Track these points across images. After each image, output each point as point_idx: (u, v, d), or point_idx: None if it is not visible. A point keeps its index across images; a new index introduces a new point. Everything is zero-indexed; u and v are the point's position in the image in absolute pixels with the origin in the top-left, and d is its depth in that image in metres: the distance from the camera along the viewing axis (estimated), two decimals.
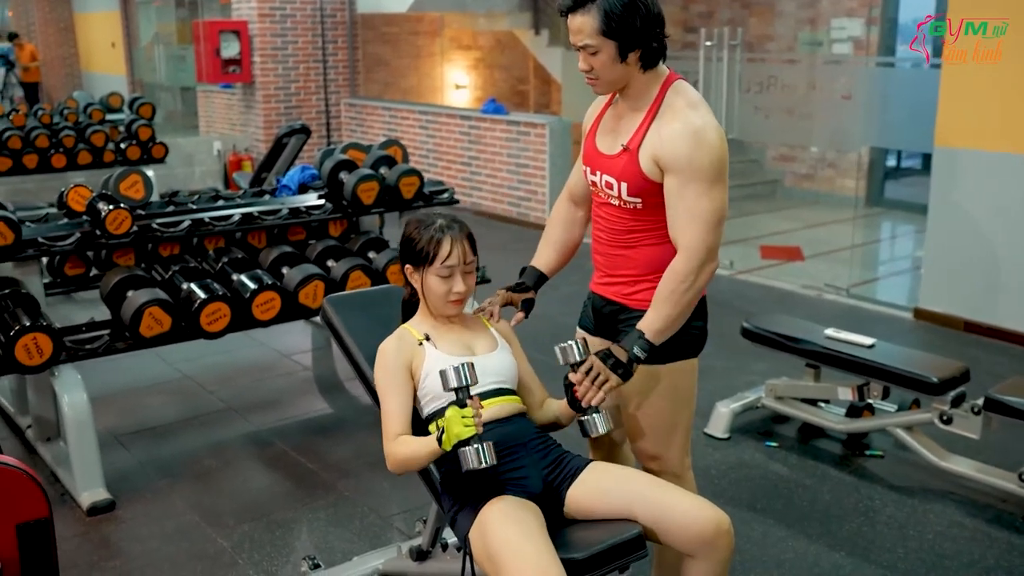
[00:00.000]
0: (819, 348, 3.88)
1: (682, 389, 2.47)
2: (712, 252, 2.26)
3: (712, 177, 2.21)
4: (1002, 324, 5.27)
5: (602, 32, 2.19)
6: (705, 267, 2.25)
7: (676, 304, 2.26)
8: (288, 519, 3.47)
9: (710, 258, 2.26)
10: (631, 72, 2.27)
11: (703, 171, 2.20)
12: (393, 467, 2.28)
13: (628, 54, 2.22)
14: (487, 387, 2.35)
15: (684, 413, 2.51)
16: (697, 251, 2.23)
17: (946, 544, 3.26)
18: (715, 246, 2.26)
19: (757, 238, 7.85)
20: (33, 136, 8.16)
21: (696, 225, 2.22)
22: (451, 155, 9.37)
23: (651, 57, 2.26)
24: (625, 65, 2.24)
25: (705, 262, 2.25)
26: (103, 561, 3.21)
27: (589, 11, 2.19)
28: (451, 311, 2.41)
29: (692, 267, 2.24)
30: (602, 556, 2.12)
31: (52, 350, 3.45)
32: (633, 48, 2.22)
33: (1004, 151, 5.13)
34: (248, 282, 3.91)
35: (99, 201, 3.88)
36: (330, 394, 4.78)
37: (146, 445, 4.09)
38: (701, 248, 2.23)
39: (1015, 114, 5.06)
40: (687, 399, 2.51)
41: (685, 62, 7.65)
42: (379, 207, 4.52)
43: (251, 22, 10.27)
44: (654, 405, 2.45)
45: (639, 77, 2.28)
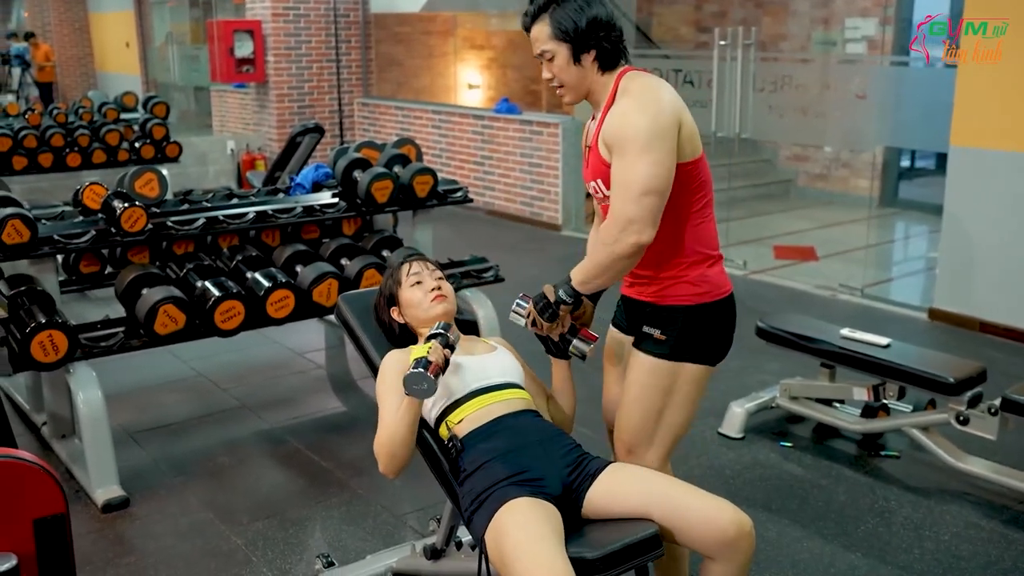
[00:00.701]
0: (835, 348, 3.85)
1: (683, 393, 2.44)
2: (632, 223, 2.22)
3: (638, 148, 2.22)
4: (1018, 324, 5.23)
5: (554, 36, 2.34)
6: (623, 237, 2.24)
7: (597, 259, 2.31)
8: (302, 517, 3.47)
9: (630, 229, 2.23)
10: (589, 75, 2.37)
11: (629, 142, 2.24)
12: (383, 455, 2.32)
13: (581, 56, 2.34)
14: (494, 381, 2.43)
15: (676, 417, 2.46)
16: (617, 219, 2.25)
17: (963, 545, 3.24)
18: (637, 218, 2.22)
19: (771, 238, 7.81)
20: (48, 135, 8.21)
21: (619, 193, 2.25)
22: (464, 155, 9.36)
23: (606, 58, 2.36)
24: (580, 67, 2.35)
25: (623, 230, 2.23)
26: (117, 558, 3.22)
27: (543, 20, 2.35)
28: (438, 308, 2.53)
29: (612, 233, 2.26)
30: (617, 555, 2.11)
31: (67, 347, 3.46)
32: (585, 49, 2.33)
33: (1022, 151, 5.10)
34: (262, 280, 3.92)
35: (114, 199, 3.89)
36: (344, 392, 4.78)
37: (160, 442, 4.10)
38: (620, 216, 2.24)
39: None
40: (684, 405, 2.46)
41: (699, 61, 7.64)
42: (393, 206, 4.52)
43: (265, 22, 10.29)
44: (648, 396, 2.44)
45: (598, 80, 2.38)
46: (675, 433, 2.49)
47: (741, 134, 6.94)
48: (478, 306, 4.43)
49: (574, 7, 2.32)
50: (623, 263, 2.29)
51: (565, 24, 2.32)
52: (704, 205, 2.42)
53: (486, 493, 2.20)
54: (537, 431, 2.36)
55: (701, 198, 2.41)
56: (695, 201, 2.40)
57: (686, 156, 2.32)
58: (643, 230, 2.23)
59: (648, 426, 2.45)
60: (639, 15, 10.53)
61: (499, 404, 2.38)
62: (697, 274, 2.40)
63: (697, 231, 2.41)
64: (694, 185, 2.37)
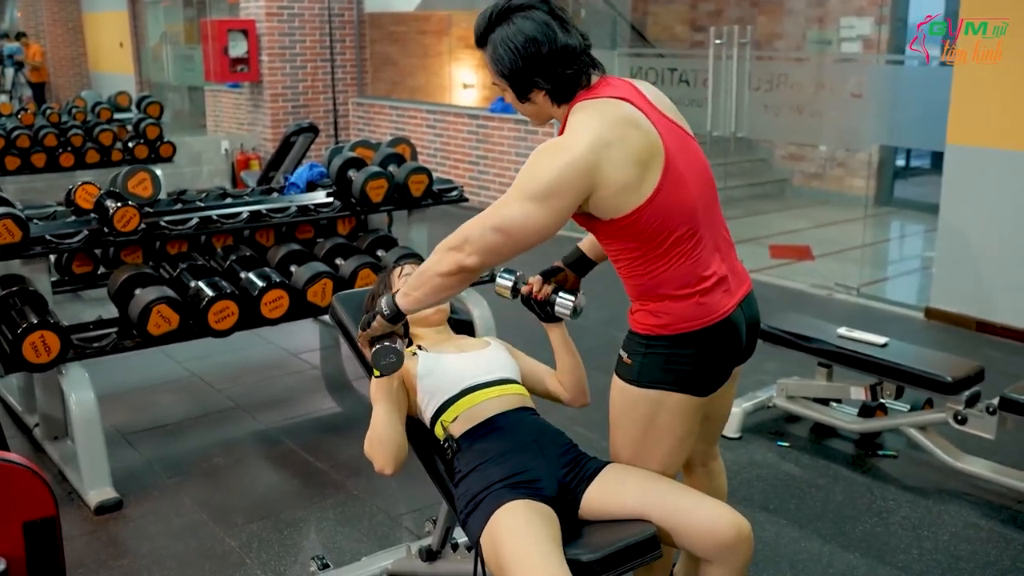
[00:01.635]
0: (832, 347, 3.84)
1: (661, 423, 2.18)
2: (467, 244, 2.02)
3: (521, 189, 1.99)
4: (1015, 324, 5.22)
5: (496, 74, 2.12)
6: (449, 254, 2.04)
7: (420, 267, 2.16)
8: (297, 518, 3.44)
9: (462, 248, 2.02)
10: (544, 108, 2.15)
11: (523, 180, 2.01)
12: (376, 449, 2.31)
13: (527, 95, 2.12)
14: (488, 377, 2.40)
15: (659, 448, 2.22)
16: (457, 232, 2.05)
17: (961, 545, 3.23)
18: (474, 242, 2.01)
19: (766, 237, 7.81)
20: (42, 135, 8.17)
21: (481, 214, 2.04)
22: (459, 154, 9.35)
23: (557, 94, 2.10)
24: (532, 103, 2.13)
25: (454, 247, 2.04)
26: (111, 560, 3.19)
27: (485, 52, 2.12)
28: (436, 314, 2.54)
29: (442, 244, 2.07)
30: (615, 557, 2.08)
31: (59, 348, 3.43)
32: (529, 90, 2.10)
33: (1018, 149, 5.09)
34: (256, 280, 3.90)
35: (107, 199, 3.87)
36: (339, 393, 4.76)
37: (154, 444, 4.08)
38: (461, 231, 2.04)
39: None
40: (663, 436, 2.20)
41: (694, 60, 7.63)
42: (388, 205, 4.50)
43: (259, 21, 10.27)
44: (624, 428, 2.25)
45: (556, 111, 2.15)
46: (662, 461, 2.23)
47: (737, 133, 6.93)
48: (473, 306, 4.41)
49: (511, 44, 2.05)
50: (440, 280, 2.07)
51: (501, 66, 2.08)
52: (667, 249, 2.07)
53: (482, 495, 2.18)
54: (533, 430, 2.33)
55: (662, 242, 2.06)
56: (653, 248, 2.07)
57: (619, 210, 2.01)
58: (472, 257, 2.01)
59: (631, 455, 2.26)
60: (634, 14, 10.52)
61: (493, 401, 2.35)
62: (658, 306, 2.12)
63: (663, 276, 2.09)
64: (647, 234, 2.05)
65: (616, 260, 2.16)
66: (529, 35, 2.04)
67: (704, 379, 2.19)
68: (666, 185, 2.03)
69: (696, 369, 2.16)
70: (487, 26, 2.10)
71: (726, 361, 2.23)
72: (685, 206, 2.07)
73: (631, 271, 2.13)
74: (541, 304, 2.43)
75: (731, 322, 2.17)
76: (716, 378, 2.22)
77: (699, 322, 2.12)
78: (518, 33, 2.05)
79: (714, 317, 2.14)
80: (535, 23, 2.05)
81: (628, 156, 1.99)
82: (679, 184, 2.06)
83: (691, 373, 2.16)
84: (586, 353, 2.59)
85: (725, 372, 2.24)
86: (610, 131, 2.00)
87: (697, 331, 2.12)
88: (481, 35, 2.12)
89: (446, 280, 2.07)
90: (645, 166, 2.01)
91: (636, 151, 2.01)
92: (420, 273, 2.12)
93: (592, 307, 2.61)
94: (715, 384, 2.22)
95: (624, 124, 2.02)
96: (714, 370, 2.20)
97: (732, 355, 2.24)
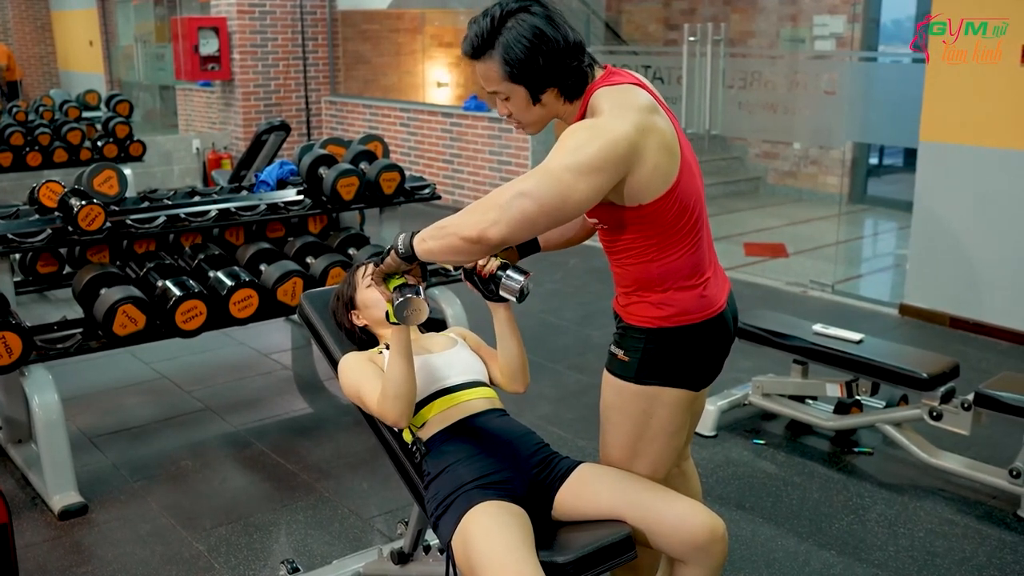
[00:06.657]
0: (807, 344, 3.82)
1: (657, 420, 2.17)
2: (493, 211, 1.88)
3: (562, 163, 1.89)
4: (988, 320, 5.24)
5: (508, 78, 2.01)
6: (473, 219, 1.90)
7: (443, 223, 1.99)
8: (266, 521, 3.38)
9: (487, 218, 1.88)
10: (553, 109, 2.08)
11: (556, 156, 1.92)
12: (391, 404, 2.16)
13: (540, 96, 2.03)
14: (459, 380, 2.36)
15: (652, 447, 2.20)
16: (487, 199, 1.92)
17: (937, 541, 3.22)
18: (503, 211, 1.87)
19: (741, 235, 7.81)
20: (8, 134, 8.02)
21: (504, 186, 1.93)
22: (432, 153, 9.29)
23: (571, 90, 2.05)
24: (542, 106, 2.05)
25: (483, 213, 1.89)
26: (74, 566, 3.11)
27: (491, 57, 2.00)
28: None
29: (471, 208, 1.94)
30: (589, 559, 2.05)
31: (22, 349, 3.35)
32: (544, 88, 2.02)
33: (989, 146, 5.10)
34: (225, 279, 3.83)
35: (71, 197, 3.78)
36: (310, 394, 4.69)
37: (121, 447, 4.00)
38: (491, 199, 1.91)
39: (999, 109, 5.03)
40: (658, 433, 2.19)
41: (668, 58, 7.62)
42: (359, 203, 4.44)
43: (230, 19, 10.15)
44: (618, 426, 2.22)
45: (565, 109, 2.09)
46: (653, 458, 2.21)
47: (711, 131, 6.92)
48: (446, 304, 4.36)
49: (526, 41, 1.96)
50: (459, 243, 1.93)
51: (517, 65, 1.98)
52: (681, 237, 2.07)
53: (452, 497, 2.13)
54: (503, 431, 2.29)
55: (679, 229, 2.06)
56: (669, 235, 2.06)
57: (648, 195, 1.99)
58: (496, 227, 1.87)
59: (620, 451, 2.23)
60: (608, 12, 10.50)
61: (463, 405, 2.31)
62: (662, 297, 2.11)
63: (674, 265, 2.09)
64: (667, 221, 2.04)
65: (625, 250, 2.12)
66: (544, 32, 1.98)
67: (701, 373, 2.20)
68: (684, 172, 2.04)
69: (694, 363, 2.17)
70: (491, 31, 1.99)
71: (721, 355, 2.25)
72: (696, 195, 2.10)
73: (640, 259, 2.10)
74: (485, 281, 2.29)
75: (724, 316, 2.20)
76: (711, 371, 2.24)
77: (700, 315, 2.13)
78: (532, 31, 1.97)
79: (714, 310, 2.16)
80: (543, 20, 1.99)
81: (661, 141, 1.99)
82: (691, 173, 2.08)
83: (689, 367, 2.17)
84: (560, 352, 2.56)
85: (718, 366, 2.25)
86: (646, 116, 1.98)
87: (698, 324, 2.13)
88: (483, 42, 2.01)
89: (463, 245, 1.93)
90: (671, 152, 2.01)
91: (666, 137, 2.00)
92: (443, 227, 1.98)
93: (566, 306, 2.58)
94: (709, 378, 2.24)
95: (650, 110, 2.01)
96: (710, 363, 2.22)
97: (725, 349, 2.26)
